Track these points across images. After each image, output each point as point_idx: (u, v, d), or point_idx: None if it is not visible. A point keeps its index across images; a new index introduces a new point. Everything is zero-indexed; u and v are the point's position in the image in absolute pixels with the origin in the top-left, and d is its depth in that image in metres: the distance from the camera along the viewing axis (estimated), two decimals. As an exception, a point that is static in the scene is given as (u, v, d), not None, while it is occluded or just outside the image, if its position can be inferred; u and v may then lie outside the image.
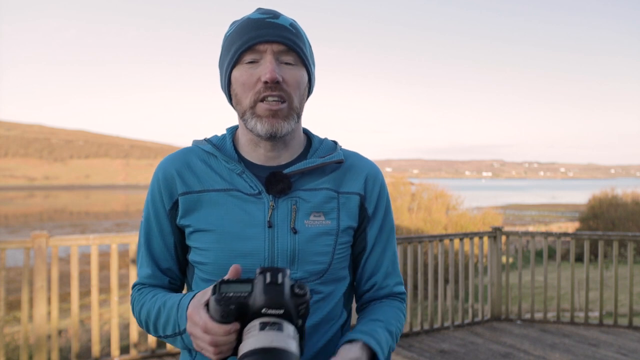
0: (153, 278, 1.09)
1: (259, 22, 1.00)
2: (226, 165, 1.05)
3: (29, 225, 47.84)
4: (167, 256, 1.09)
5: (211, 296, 0.80)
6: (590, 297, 5.95)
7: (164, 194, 1.06)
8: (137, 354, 4.13)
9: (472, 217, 21.59)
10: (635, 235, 5.29)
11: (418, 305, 5.08)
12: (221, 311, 0.78)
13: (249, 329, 0.77)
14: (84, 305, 6.03)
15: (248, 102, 0.99)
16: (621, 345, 4.71)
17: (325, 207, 1.04)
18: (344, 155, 1.11)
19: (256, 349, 0.72)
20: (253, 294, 0.78)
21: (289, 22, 1.02)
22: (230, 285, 0.79)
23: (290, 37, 1.00)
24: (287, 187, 1.01)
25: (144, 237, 1.10)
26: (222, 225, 1.01)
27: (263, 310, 0.77)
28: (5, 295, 3.77)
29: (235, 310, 0.78)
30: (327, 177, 1.06)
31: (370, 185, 1.10)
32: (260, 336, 0.74)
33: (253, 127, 1.00)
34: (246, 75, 0.99)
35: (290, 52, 0.99)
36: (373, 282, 1.12)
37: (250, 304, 0.78)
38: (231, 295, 0.78)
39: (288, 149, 1.07)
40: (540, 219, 46.78)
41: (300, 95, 1.02)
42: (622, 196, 25.17)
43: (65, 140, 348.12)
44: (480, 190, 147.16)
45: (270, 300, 0.76)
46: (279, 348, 0.72)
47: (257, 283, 0.78)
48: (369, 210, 1.10)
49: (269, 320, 0.76)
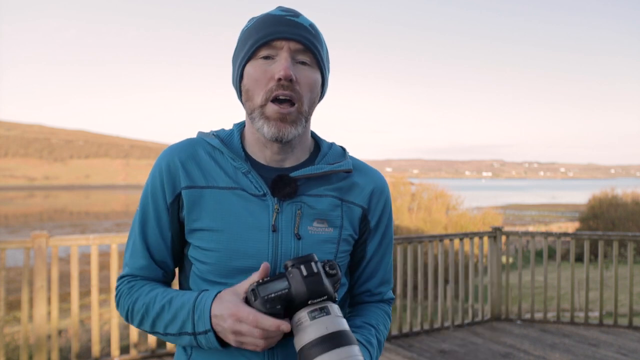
0: (147, 270, 1.05)
1: (278, 18, 0.98)
2: (232, 162, 1.03)
3: (29, 225, 47.83)
4: (163, 248, 1.05)
5: (253, 302, 0.84)
6: (590, 297, 5.95)
7: (166, 185, 1.02)
8: (137, 354, 4.13)
9: (472, 217, 21.59)
10: (635, 235, 5.29)
11: (418, 305, 5.08)
12: (269, 313, 0.82)
13: (299, 321, 0.80)
14: (84, 305, 6.03)
15: (259, 100, 0.97)
16: (621, 345, 4.71)
17: (329, 215, 1.03)
18: (352, 165, 1.09)
19: (315, 339, 0.76)
20: (293, 288, 0.81)
21: (309, 23, 1.01)
22: (267, 287, 0.83)
23: (309, 37, 0.98)
24: (293, 192, 1.00)
25: (139, 227, 1.05)
26: (227, 225, 0.99)
27: (309, 302, 0.81)
28: (5, 295, 3.77)
29: (282, 309, 0.82)
30: (333, 185, 1.05)
31: (375, 200, 1.09)
32: (314, 326, 0.78)
33: (260, 128, 0.99)
34: (260, 71, 0.97)
35: (307, 52, 0.98)
36: (367, 287, 1.14)
37: (294, 298, 0.81)
38: (274, 296, 0.81)
39: (295, 152, 1.05)
40: (540, 219, 46.77)
41: (311, 98, 1.00)
42: (622, 196, 25.15)
43: (65, 140, 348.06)
44: (480, 190, 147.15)
45: (313, 291, 0.81)
46: (335, 332, 0.77)
47: (294, 277, 0.82)
48: (372, 224, 1.09)
49: (315, 307, 0.80)
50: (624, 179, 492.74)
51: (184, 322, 0.93)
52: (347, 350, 0.75)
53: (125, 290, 1.04)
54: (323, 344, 0.75)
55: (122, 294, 1.04)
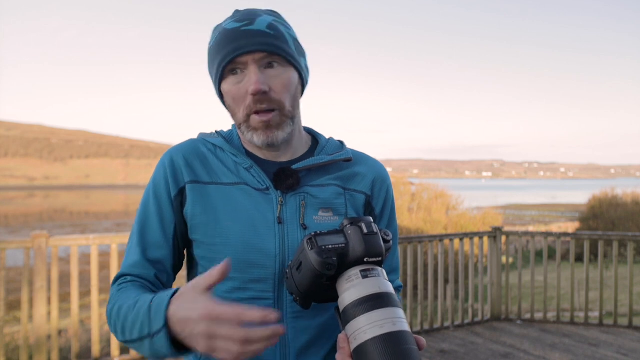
0: (139, 267, 0.99)
1: (234, 32, 0.97)
2: (234, 158, 1.04)
3: (29, 225, 47.83)
4: (164, 245, 1.01)
5: (309, 251, 0.78)
6: (590, 297, 5.95)
7: (170, 180, 1.02)
8: (137, 354, 4.13)
9: (472, 217, 21.58)
10: (635, 235, 5.29)
11: (418, 305, 5.08)
12: (324, 264, 0.78)
13: (349, 277, 0.78)
14: (84, 305, 6.02)
15: (241, 115, 0.99)
16: (621, 345, 4.71)
17: (333, 203, 1.04)
18: (352, 155, 1.10)
19: (367, 295, 0.75)
20: (351, 244, 0.80)
21: (266, 24, 0.98)
22: (325, 238, 0.80)
23: (270, 42, 0.96)
24: (296, 183, 1.01)
25: (138, 224, 1.03)
26: (232, 220, 0.99)
27: (365, 260, 0.79)
28: (5, 295, 3.77)
29: (337, 261, 0.79)
30: (334, 175, 1.06)
31: (377, 187, 1.10)
32: (366, 283, 0.77)
33: (250, 139, 1.00)
34: (234, 90, 0.98)
35: (273, 56, 0.97)
36: None
37: (350, 254, 0.80)
38: (331, 247, 0.79)
39: (290, 148, 1.07)
40: (540, 219, 46.75)
41: (292, 97, 1.00)
42: (622, 196, 25.13)
43: (65, 140, 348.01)
44: (480, 190, 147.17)
45: (372, 249, 0.79)
46: (385, 292, 0.76)
47: (353, 234, 0.80)
48: (376, 210, 1.10)
49: (368, 267, 0.79)
50: (624, 179, 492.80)
51: (142, 323, 0.82)
52: (397, 312, 0.75)
53: (113, 295, 0.98)
54: (374, 300, 0.74)
55: (109, 300, 0.98)
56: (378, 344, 0.71)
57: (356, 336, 0.73)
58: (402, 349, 0.71)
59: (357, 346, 0.73)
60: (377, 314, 0.73)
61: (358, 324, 0.74)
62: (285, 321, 0.98)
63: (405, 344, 0.71)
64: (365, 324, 0.73)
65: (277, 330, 0.73)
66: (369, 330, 0.72)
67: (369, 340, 0.71)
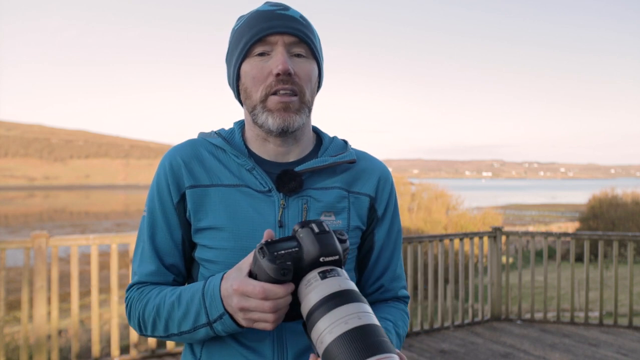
0: (157, 275, 1.01)
1: (269, 13, 0.98)
2: (235, 160, 1.02)
3: (29, 225, 47.82)
4: (174, 251, 1.02)
5: (262, 259, 0.78)
6: (590, 297, 5.96)
7: (172, 186, 1.01)
8: (137, 354, 4.13)
9: (472, 217, 21.58)
10: (635, 235, 5.29)
11: (418, 305, 5.09)
12: (279, 269, 0.77)
13: (309, 282, 0.77)
14: (84, 305, 6.03)
15: (259, 95, 0.96)
16: (621, 345, 4.71)
17: (336, 207, 1.02)
18: (355, 155, 1.09)
19: (327, 295, 0.73)
20: (304, 246, 0.78)
21: (299, 15, 1.00)
22: (275, 245, 0.79)
23: (302, 29, 0.98)
24: (299, 186, 0.99)
25: (147, 231, 1.02)
26: (234, 223, 0.98)
27: (321, 259, 0.78)
28: (5, 295, 3.77)
29: (292, 265, 0.78)
30: (338, 177, 1.05)
31: (381, 187, 1.09)
32: (325, 284, 0.75)
33: (264, 122, 0.98)
34: (257, 69, 0.96)
35: (302, 44, 0.98)
36: (380, 283, 1.11)
37: (304, 257, 0.78)
38: (284, 253, 0.78)
39: (298, 145, 1.05)
40: (540, 219, 46.73)
41: (311, 88, 1.00)
42: (622, 196, 25.12)
43: (65, 140, 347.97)
44: (480, 190, 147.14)
45: (326, 248, 0.78)
46: (348, 289, 0.74)
47: (305, 235, 0.79)
48: (379, 212, 1.08)
49: (326, 268, 0.77)
50: (624, 179, 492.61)
51: (198, 314, 0.89)
52: (360, 306, 0.71)
53: (135, 297, 1.01)
54: (336, 298, 0.72)
55: (132, 302, 1.01)
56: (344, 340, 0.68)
57: (322, 339, 0.70)
58: (371, 341, 0.67)
59: (324, 350, 0.70)
60: (340, 311, 0.71)
61: (322, 326, 0.71)
62: (283, 325, 0.96)
63: (375, 337, 0.68)
64: (329, 324, 0.70)
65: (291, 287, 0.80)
66: (335, 328, 0.69)
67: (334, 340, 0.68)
